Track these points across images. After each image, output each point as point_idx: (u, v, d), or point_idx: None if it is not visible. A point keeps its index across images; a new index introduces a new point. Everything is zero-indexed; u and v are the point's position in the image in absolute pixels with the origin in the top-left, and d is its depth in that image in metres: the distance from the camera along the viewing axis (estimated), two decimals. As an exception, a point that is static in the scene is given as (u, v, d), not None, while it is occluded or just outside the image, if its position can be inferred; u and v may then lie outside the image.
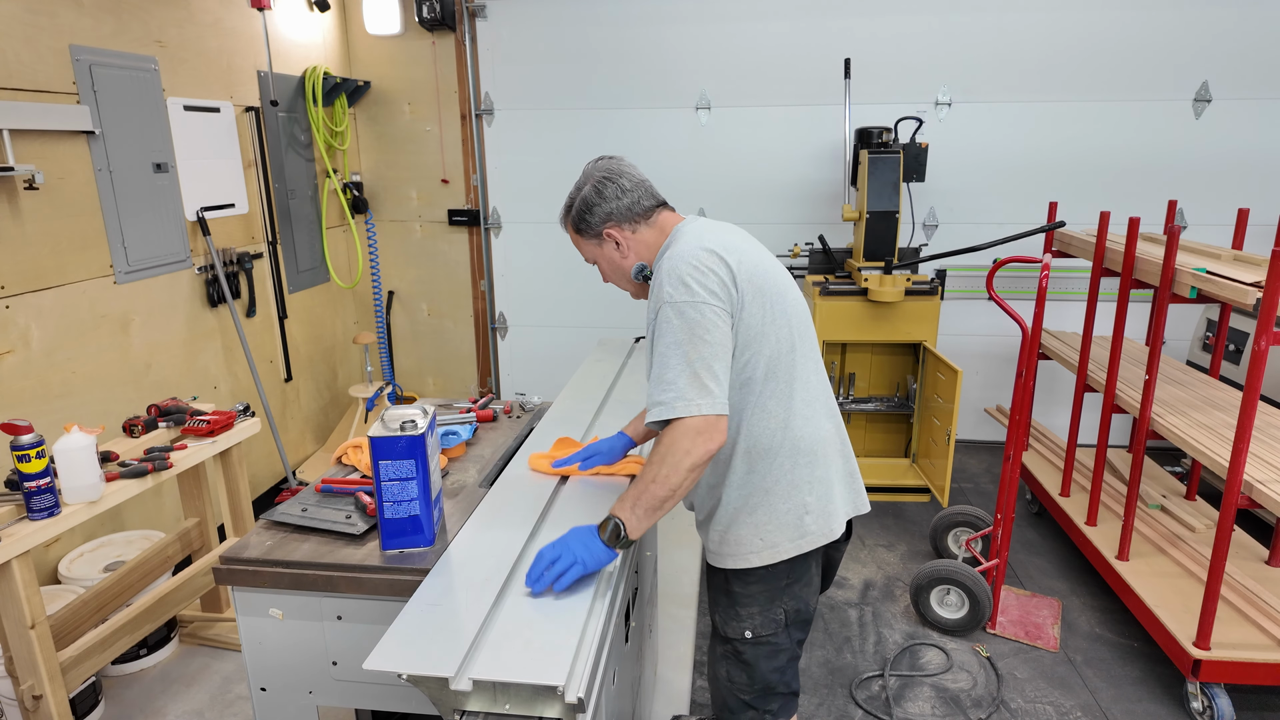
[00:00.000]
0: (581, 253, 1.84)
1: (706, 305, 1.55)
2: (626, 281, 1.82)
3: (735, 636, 1.76)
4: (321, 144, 4.32)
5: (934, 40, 4.28)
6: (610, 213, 1.73)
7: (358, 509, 1.84)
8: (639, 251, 1.76)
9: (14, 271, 2.61)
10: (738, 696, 1.81)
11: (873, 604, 3.17)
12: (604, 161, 1.78)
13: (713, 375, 1.52)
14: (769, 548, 1.68)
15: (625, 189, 1.73)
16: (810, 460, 1.69)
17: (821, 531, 1.70)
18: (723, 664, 1.82)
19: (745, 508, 1.69)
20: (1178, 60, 4.18)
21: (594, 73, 4.55)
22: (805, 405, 1.69)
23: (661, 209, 1.78)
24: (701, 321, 1.54)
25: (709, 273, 1.57)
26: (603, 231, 1.74)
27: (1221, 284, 2.34)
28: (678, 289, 1.56)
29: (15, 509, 2.09)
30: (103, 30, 2.94)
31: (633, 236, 1.74)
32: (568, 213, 1.79)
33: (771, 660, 1.76)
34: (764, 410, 1.66)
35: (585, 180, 1.76)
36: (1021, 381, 2.80)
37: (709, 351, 1.53)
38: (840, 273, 4.12)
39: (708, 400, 1.51)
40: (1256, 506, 2.29)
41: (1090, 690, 2.68)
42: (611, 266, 1.80)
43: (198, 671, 2.78)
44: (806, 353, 1.73)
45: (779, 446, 1.66)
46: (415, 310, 5.11)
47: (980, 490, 4.18)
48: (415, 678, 1.27)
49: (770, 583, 1.71)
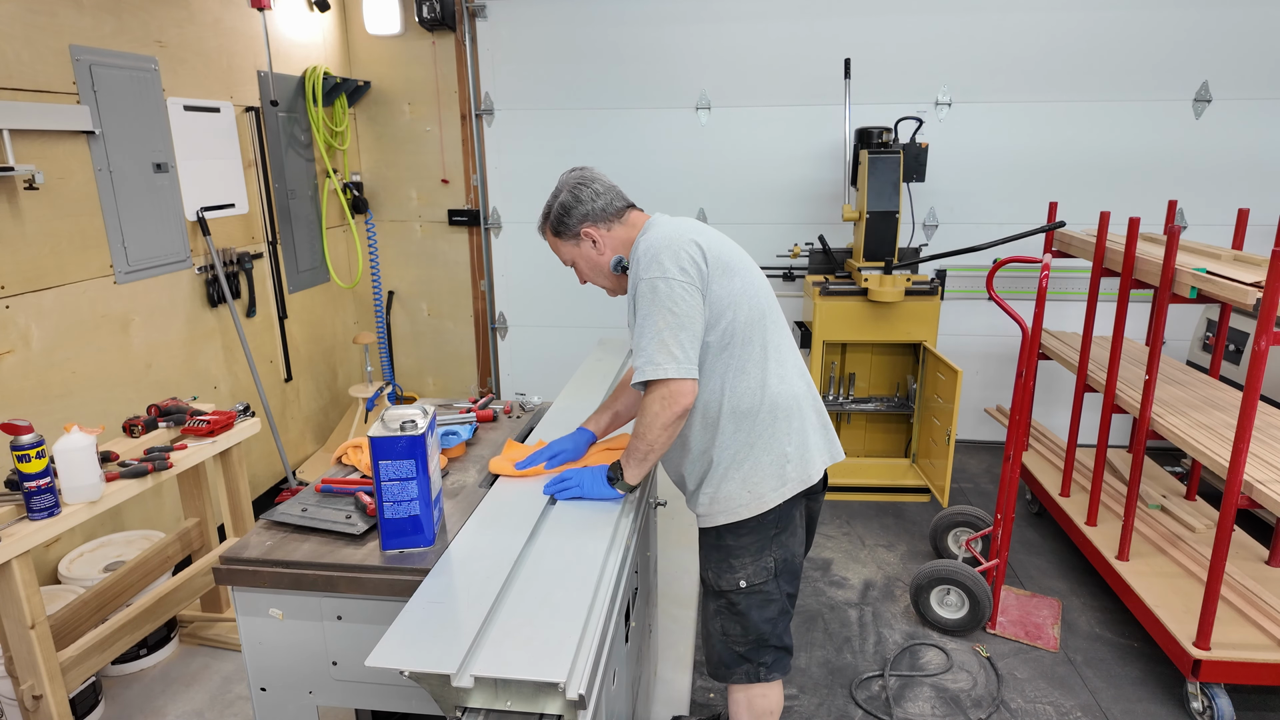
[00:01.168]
0: (560, 255, 1.98)
1: (677, 281, 1.73)
2: (604, 277, 1.97)
3: (730, 588, 1.92)
4: (321, 144, 4.32)
5: (934, 40, 4.28)
6: (587, 213, 1.89)
7: (358, 509, 1.84)
8: (614, 247, 1.91)
9: (14, 271, 2.61)
10: (732, 650, 1.96)
11: (873, 604, 3.17)
12: (576, 171, 1.94)
13: (679, 343, 1.70)
14: (756, 499, 1.85)
15: (599, 192, 1.89)
16: (787, 415, 1.86)
17: (800, 478, 1.87)
18: (717, 619, 1.97)
19: (734, 464, 1.86)
20: (1178, 60, 4.18)
21: (594, 73, 4.55)
22: (779, 366, 1.87)
23: (630, 209, 1.94)
24: (671, 295, 1.72)
25: (681, 252, 1.75)
26: (580, 231, 1.90)
27: (1221, 284, 2.34)
28: (652, 266, 1.74)
29: (15, 509, 2.09)
30: (103, 30, 2.94)
31: (608, 234, 1.90)
32: (546, 219, 1.94)
33: (764, 610, 1.92)
34: (744, 373, 1.83)
35: (561, 188, 1.92)
36: (1021, 381, 2.80)
37: (676, 322, 1.71)
38: (840, 273, 4.12)
39: (673, 365, 1.69)
40: (1256, 506, 2.29)
41: (1090, 690, 2.68)
42: (590, 264, 1.95)
43: (198, 671, 2.78)
44: (775, 320, 1.90)
45: (759, 405, 1.84)
46: (415, 310, 5.11)
47: (980, 490, 4.18)
48: (417, 675, 1.27)
49: (760, 533, 1.88)
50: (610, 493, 1.85)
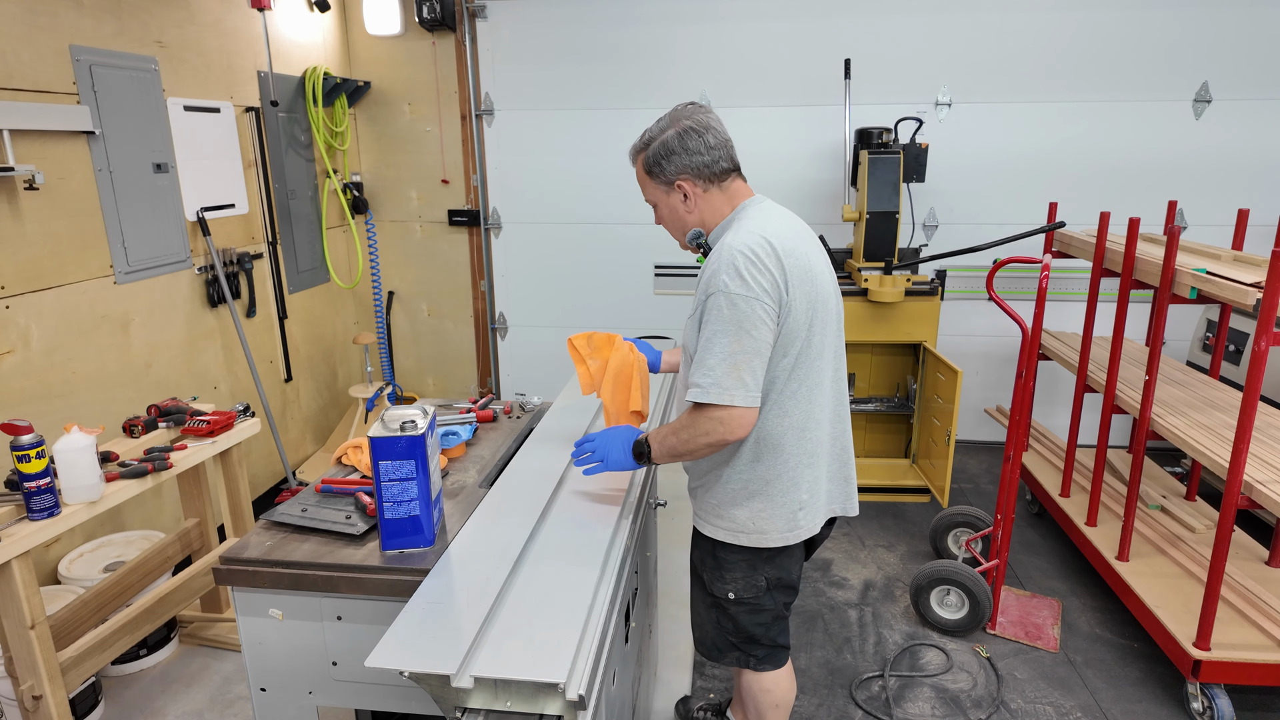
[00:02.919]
0: (643, 191, 1.82)
1: (758, 301, 1.58)
2: (680, 233, 1.82)
3: (720, 595, 1.86)
4: (321, 144, 4.32)
5: (934, 40, 4.28)
6: (688, 165, 1.70)
7: (358, 509, 1.84)
8: (704, 211, 1.75)
9: (14, 271, 2.61)
10: (725, 639, 1.91)
11: (873, 604, 3.17)
12: (693, 108, 1.73)
13: (751, 370, 1.59)
14: (759, 533, 1.77)
15: (710, 145, 1.70)
16: (812, 461, 1.75)
17: (809, 527, 1.79)
18: (711, 612, 1.91)
19: (745, 492, 1.75)
20: (1178, 60, 4.18)
21: (594, 73, 4.55)
22: (820, 410, 1.74)
23: (736, 175, 1.77)
24: (751, 316, 1.58)
25: (764, 270, 1.59)
26: (675, 181, 1.73)
27: (1221, 284, 2.34)
28: (734, 279, 1.58)
29: (15, 509, 2.09)
30: (103, 30, 2.94)
31: (703, 195, 1.74)
32: (643, 149, 1.75)
33: (754, 616, 1.86)
34: (783, 410, 1.70)
35: (671, 123, 1.71)
36: (1021, 382, 2.80)
37: (751, 347, 1.58)
38: (840, 273, 4.12)
39: (741, 393, 1.58)
40: (1256, 507, 2.29)
41: (1090, 691, 2.68)
42: (672, 214, 1.79)
43: (198, 672, 2.78)
44: (833, 360, 1.77)
45: (790, 444, 1.72)
46: (415, 310, 5.11)
47: (980, 490, 4.18)
48: (417, 675, 1.27)
49: (753, 556, 1.81)
50: (629, 461, 1.81)
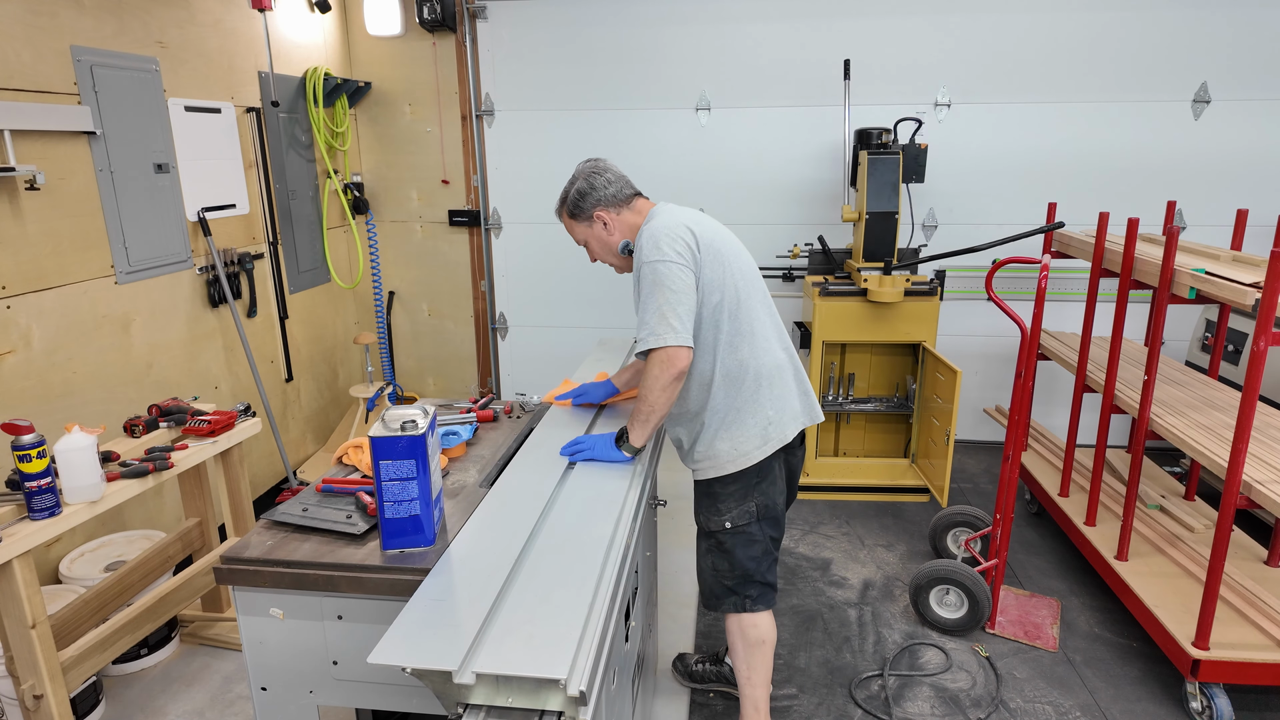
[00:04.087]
0: (573, 235, 2.25)
1: (673, 264, 1.98)
2: (613, 256, 2.23)
3: (717, 529, 2.20)
4: (322, 144, 4.33)
5: (933, 41, 4.29)
6: (600, 199, 2.15)
7: (358, 509, 1.84)
8: (622, 230, 2.18)
9: (15, 272, 2.61)
10: (722, 583, 2.24)
11: (872, 604, 3.18)
12: (591, 161, 2.21)
13: (676, 316, 1.95)
14: (741, 456, 2.12)
15: (610, 180, 2.17)
16: (770, 382, 2.12)
17: (779, 437, 2.13)
18: (708, 557, 2.25)
19: (724, 425, 2.12)
20: (1177, 61, 4.19)
21: (594, 73, 4.56)
22: (763, 340, 2.12)
23: (638, 197, 2.21)
24: (669, 274, 1.97)
25: (677, 239, 2.01)
26: (593, 214, 2.17)
27: (1220, 285, 2.34)
28: (653, 251, 2.00)
29: (16, 509, 2.10)
30: (104, 31, 2.95)
31: (617, 218, 2.17)
32: (563, 203, 2.21)
33: (748, 549, 2.19)
34: (731, 346, 2.09)
35: (578, 176, 2.19)
36: (1020, 382, 2.80)
37: (674, 298, 1.96)
38: (840, 273, 4.13)
39: (670, 334, 1.94)
40: (1255, 507, 2.30)
41: (1089, 690, 2.68)
42: (600, 244, 2.22)
43: (198, 671, 2.78)
44: (758, 300, 2.15)
45: (745, 373, 2.10)
46: (416, 310, 5.12)
47: (979, 490, 4.19)
48: (419, 671, 1.28)
49: (743, 482, 2.15)
50: (618, 455, 2.07)
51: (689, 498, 2.33)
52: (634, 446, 2.07)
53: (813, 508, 3.98)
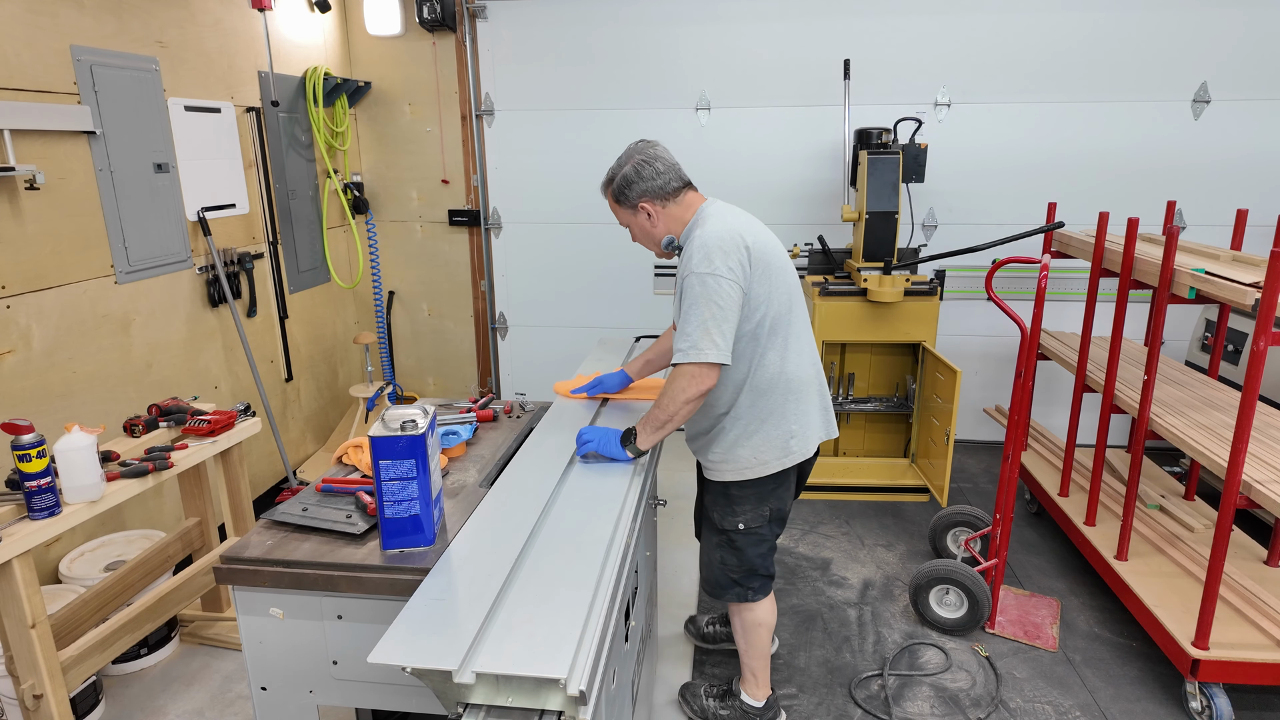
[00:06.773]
0: (617, 217, 2.22)
1: (723, 278, 1.94)
2: (654, 245, 2.20)
3: (730, 529, 2.23)
4: (322, 144, 4.33)
5: (933, 41, 4.29)
6: (645, 190, 2.10)
7: (358, 509, 1.84)
8: (667, 224, 2.14)
9: (15, 271, 2.61)
10: (728, 576, 2.29)
11: (872, 604, 3.18)
12: (643, 145, 2.16)
13: (720, 332, 1.93)
14: (761, 465, 2.14)
15: (659, 171, 2.11)
16: (797, 395, 2.13)
17: (801, 451, 2.17)
18: (718, 551, 2.29)
19: (746, 433, 2.12)
20: (1177, 61, 4.19)
21: (594, 73, 4.56)
22: (796, 355, 2.13)
23: (688, 189, 2.16)
24: (718, 289, 1.94)
25: (730, 253, 1.96)
26: (638, 204, 2.12)
27: (1220, 284, 2.34)
28: (703, 262, 1.95)
29: (16, 509, 2.10)
30: (104, 30, 2.94)
31: (662, 211, 2.12)
32: (609, 184, 2.17)
33: (757, 547, 2.25)
34: (765, 358, 2.08)
35: (627, 159, 2.13)
36: (1020, 382, 2.80)
37: (719, 314, 1.93)
38: (840, 273, 4.13)
39: (713, 350, 1.92)
40: (1255, 506, 2.30)
41: (1089, 690, 2.68)
42: (642, 232, 2.19)
43: (198, 671, 2.78)
44: (800, 312, 2.16)
45: (775, 385, 2.10)
46: (415, 310, 5.12)
47: (979, 490, 4.19)
48: (419, 670, 1.28)
49: (760, 488, 2.18)
50: (621, 453, 2.07)
51: (689, 498, 2.34)
52: (640, 449, 2.07)
53: (813, 507, 3.98)
